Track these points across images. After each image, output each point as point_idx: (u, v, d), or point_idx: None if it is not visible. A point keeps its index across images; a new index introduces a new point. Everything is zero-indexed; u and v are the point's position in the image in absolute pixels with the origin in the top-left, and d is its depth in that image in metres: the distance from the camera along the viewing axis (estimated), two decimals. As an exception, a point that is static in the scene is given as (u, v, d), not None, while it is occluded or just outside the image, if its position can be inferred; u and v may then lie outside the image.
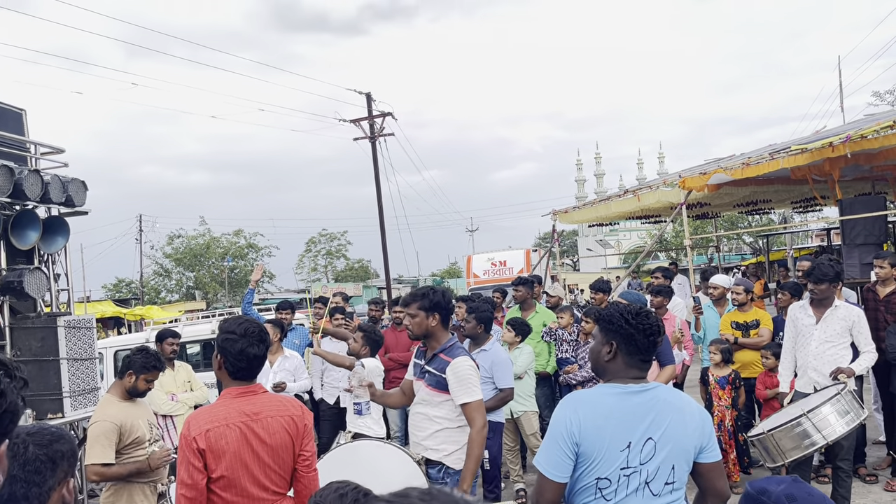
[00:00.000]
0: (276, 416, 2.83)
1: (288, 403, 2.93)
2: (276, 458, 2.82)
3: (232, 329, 2.88)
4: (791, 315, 5.50)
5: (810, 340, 5.26)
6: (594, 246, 48.27)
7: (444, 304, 3.76)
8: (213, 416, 2.77)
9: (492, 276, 21.70)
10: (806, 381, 5.26)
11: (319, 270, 52.92)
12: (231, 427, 2.75)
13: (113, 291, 44.42)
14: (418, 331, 3.77)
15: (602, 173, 79.09)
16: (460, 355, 3.70)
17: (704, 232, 29.80)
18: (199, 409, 3.06)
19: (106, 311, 23.93)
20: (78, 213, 6.59)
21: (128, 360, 4.33)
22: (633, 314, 2.49)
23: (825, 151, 9.46)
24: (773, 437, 4.62)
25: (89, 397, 5.97)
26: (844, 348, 5.21)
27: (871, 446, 6.58)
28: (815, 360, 5.21)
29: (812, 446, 4.54)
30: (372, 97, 23.77)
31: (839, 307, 5.24)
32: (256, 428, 2.78)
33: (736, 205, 17.41)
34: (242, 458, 2.75)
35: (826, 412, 4.54)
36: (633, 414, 2.38)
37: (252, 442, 2.76)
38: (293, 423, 2.86)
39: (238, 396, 2.83)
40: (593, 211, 16.59)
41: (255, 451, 2.77)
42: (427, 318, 3.73)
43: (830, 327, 5.20)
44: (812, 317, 5.30)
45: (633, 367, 2.48)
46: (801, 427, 4.55)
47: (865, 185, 14.43)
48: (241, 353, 2.83)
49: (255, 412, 2.80)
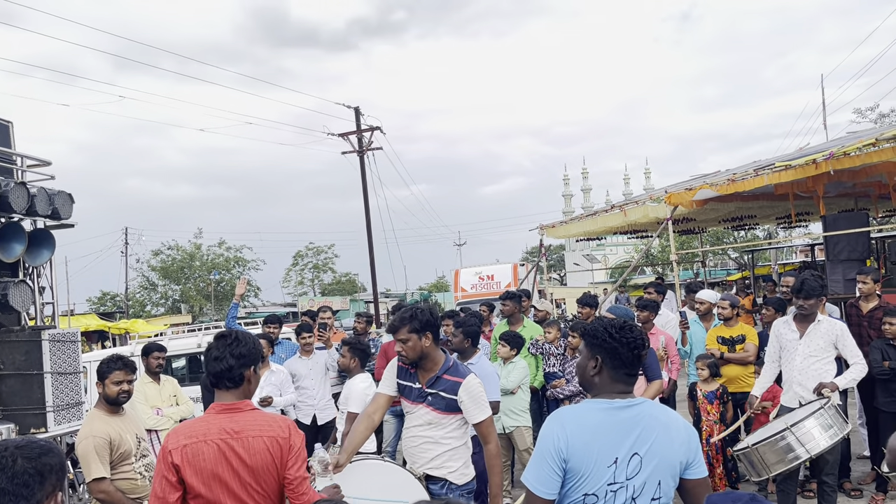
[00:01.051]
0: (258, 435, 2.73)
1: (274, 423, 2.81)
2: (258, 479, 2.71)
3: (213, 343, 2.89)
4: (775, 330, 5.54)
5: (795, 355, 5.30)
6: (581, 260, 48.41)
7: (434, 322, 3.66)
8: (193, 432, 2.72)
9: (479, 290, 21.70)
10: (791, 396, 5.30)
11: (306, 284, 52.77)
12: (209, 443, 2.67)
13: (97, 305, 44.07)
14: (414, 355, 3.64)
15: (589, 188, 79.47)
16: (468, 373, 3.69)
17: (690, 247, 29.98)
18: (182, 423, 3.04)
19: (90, 325, 23.71)
20: (64, 225, 6.54)
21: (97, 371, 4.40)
22: (617, 328, 2.50)
23: (808, 168, 9.57)
24: (757, 451, 4.65)
25: (73, 412, 5.90)
26: (829, 363, 5.25)
27: (856, 461, 6.62)
28: (799, 375, 5.25)
29: (796, 460, 4.57)
30: (360, 111, 23.84)
31: (822, 322, 5.29)
32: (236, 446, 2.69)
33: (721, 220, 17.56)
34: (220, 476, 2.67)
35: (809, 426, 4.58)
36: (620, 429, 2.38)
37: (231, 460, 2.68)
38: (276, 444, 2.74)
39: (221, 412, 2.76)
40: (580, 226, 16.66)
41: (235, 470, 2.68)
42: (420, 339, 3.62)
43: (814, 342, 5.24)
44: (796, 332, 5.34)
45: (618, 381, 2.49)
46: (784, 441, 4.59)
47: (848, 202, 14.62)
48: (216, 360, 2.81)
49: (236, 430, 2.71)
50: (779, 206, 15.27)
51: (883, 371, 5.77)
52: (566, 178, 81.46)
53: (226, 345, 2.81)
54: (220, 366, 2.77)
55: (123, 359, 4.43)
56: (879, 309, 6.25)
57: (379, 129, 23.88)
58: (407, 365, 3.74)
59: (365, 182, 23.74)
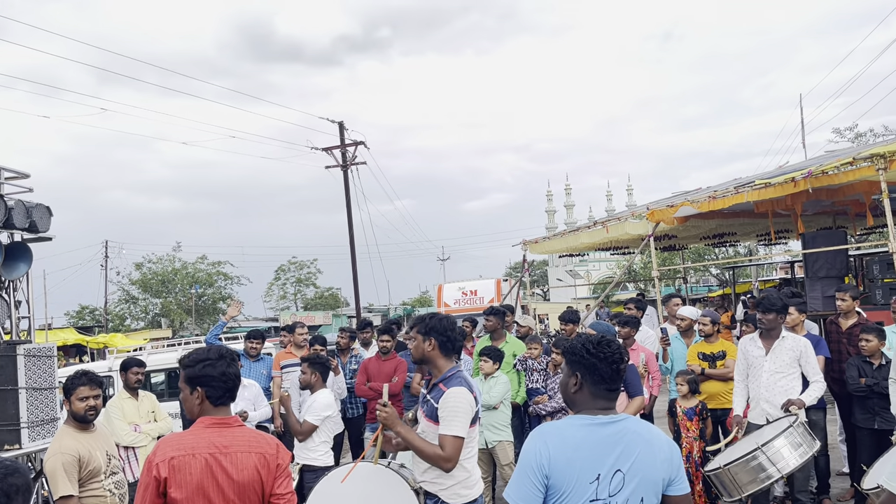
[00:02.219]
0: (246, 451, 2.72)
1: (262, 440, 2.82)
2: (243, 495, 2.71)
3: (204, 356, 2.83)
4: (741, 347, 5.64)
5: (761, 372, 5.38)
6: (564, 276, 48.56)
7: (441, 330, 3.69)
8: (180, 445, 2.70)
9: (462, 305, 21.68)
10: (759, 413, 5.36)
11: (289, 298, 52.50)
12: (197, 457, 2.66)
13: (76, 319, 43.51)
14: (415, 354, 3.78)
15: (572, 204, 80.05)
16: (456, 385, 3.57)
17: (672, 263, 30.18)
18: (170, 435, 2.98)
19: (68, 339, 23.39)
20: (41, 238, 6.47)
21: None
22: (595, 343, 2.51)
23: (787, 186, 9.69)
24: (729, 472, 4.67)
25: (48, 428, 5.80)
26: (795, 379, 5.32)
27: (836, 477, 6.66)
28: (766, 392, 5.32)
29: (768, 479, 4.60)
30: (344, 126, 23.86)
31: (786, 338, 5.38)
32: (224, 462, 2.68)
33: (703, 237, 17.71)
34: (205, 490, 2.65)
35: (779, 445, 4.62)
36: (603, 445, 2.38)
37: (217, 476, 2.67)
38: (265, 461, 2.74)
39: (210, 427, 2.74)
40: (563, 241, 16.73)
41: (220, 486, 2.67)
42: (424, 341, 3.69)
43: (779, 358, 5.33)
44: (762, 348, 5.42)
45: (600, 397, 2.49)
46: (756, 461, 4.61)
47: (827, 220, 14.79)
48: (224, 375, 2.79)
49: (224, 445, 2.71)
50: (759, 224, 15.42)
51: (860, 388, 5.83)
52: (549, 195, 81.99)
53: (228, 361, 2.84)
54: (230, 382, 2.82)
55: (88, 374, 4.37)
56: (858, 326, 6.32)
57: (363, 143, 23.92)
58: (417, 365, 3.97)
59: (349, 196, 23.72)
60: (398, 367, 7.44)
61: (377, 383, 7.28)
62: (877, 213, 10.92)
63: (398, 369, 7.42)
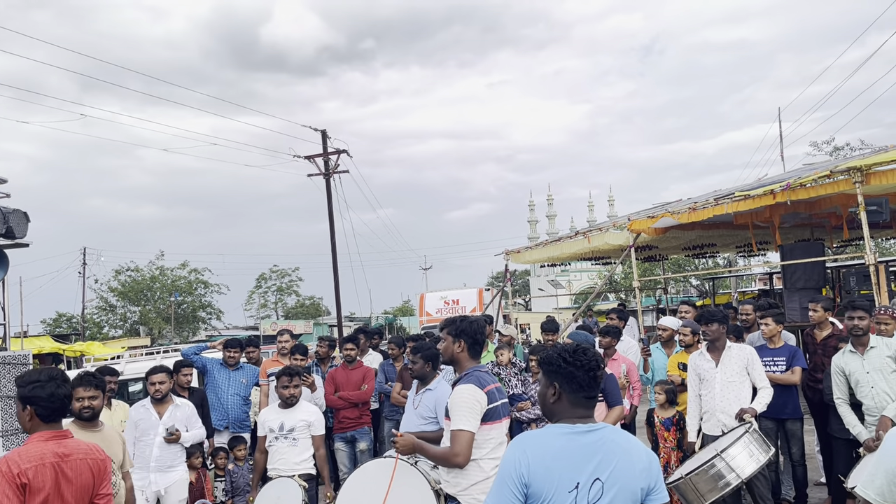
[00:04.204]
0: (84, 458, 3.17)
1: (94, 448, 3.27)
2: (79, 497, 3.13)
3: (35, 378, 3.18)
4: (692, 363, 5.80)
5: (714, 384, 5.55)
6: (546, 286, 48.70)
7: (471, 332, 3.87)
8: (30, 456, 3.03)
9: (445, 314, 21.71)
10: (714, 424, 5.49)
11: (269, 307, 52.11)
12: (48, 466, 3.04)
13: (52, 326, 42.92)
14: (445, 354, 3.93)
15: (554, 215, 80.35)
16: (465, 383, 3.69)
17: (653, 274, 30.38)
18: (13, 450, 3.18)
19: (44, 347, 23.07)
20: (18, 245, 6.39)
21: None
22: (571, 352, 2.52)
23: (766, 198, 9.81)
24: (690, 482, 4.75)
25: (23, 437, 5.72)
26: (746, 387, 5.52)
27: (813, 487, 6.71)
28: (721, 402, 5.48)
29: (727, 486, 4.69)
30: (327, 134, 23.80)
31: (732, 348, 5.61)
32: (66, 468, 3.09)
33: (683, 248, 17.86)
34: (60, 493, 3.04)
35: (735, 452, 4.75)
36: (582, 454, 2.39)
37: (61, 481, 3.06)
38: (98, 465, 3.21)
39: (50, 440, 3.11)
40: (545, 251, 16.81)
41: (63, 491, 3.06)
42: (454, 343, 3.87)
43: (729, 368, 5.52)
44: (711, 361, 5.62)
45: (578, 405, 2.50)
46: (715, 468, 4.72)
47: (805, 232, 14.98)
48: (52, 396, 3.13)
49: (66, 453, 3.12)
50: (738, 235, 15.59)
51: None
52: (532, 205, 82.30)
53: (59, 383, 3.19)
54: (58, 403, 3.19)
55: (85, 375, 4.42)
56: (833, 337, 6.39)
57: (346, 152, 23.85)
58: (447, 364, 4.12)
59: (331, 205, 23.65)
60: (366, 376, 7.44)
61: (346, 392, 7.26)
62: (853, 225, 11.09)
63: (366, 378, 7.42)
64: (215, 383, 7.62)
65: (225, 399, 7.55)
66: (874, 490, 2.32)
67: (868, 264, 9.21)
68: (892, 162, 8.69)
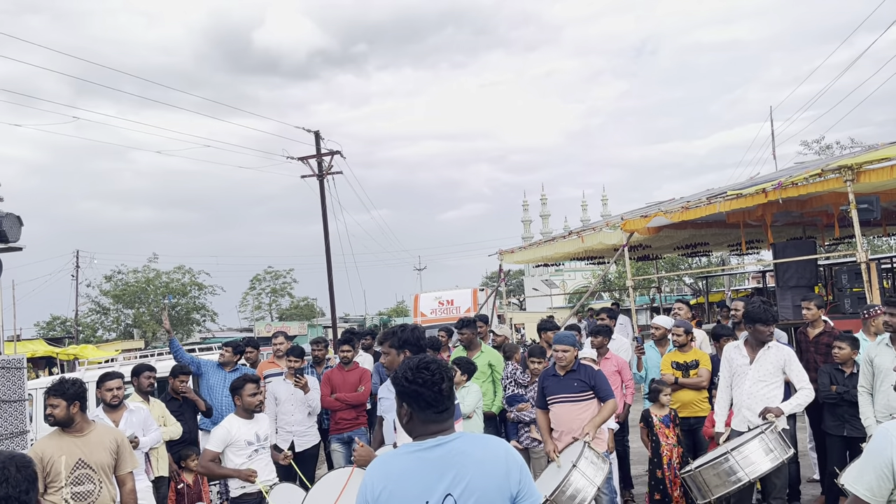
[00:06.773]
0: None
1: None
2: None
3: None
4: (726, 355, 5.65)
5: (745, 380, 5.41)
6: (540, 286, 48.70)
7: (414, 341, 3.89)
8: None
9: (439, 314, 21.71)
10: (740, 420, 5.41)
11: (264, 308, 52.03)
12: None
13: (46, 329, 42.76)
14: (391, 369, 3.93)
15: (548, 214, 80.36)
16: None
17: (646, 273, 30.49)
18: None
19: (37, 351, 22.99)
20: (12, 248, 6.38)
21: None
22: (412, 370, 2.44)
23: (758, 197, 9.87)
24: (700, 475, 4.77)
25: (17, 441, 5.70)
26: (777, 388, 5.36)
27: (806, 484, 6.75)
28: (748, 399, 5.36)
29: (737, 483, 4.70)
30: (320, 135, 23.80)
31: (771, 347, 5.41)
32: None
33: (676, 247, 17.93)
34: None
35: (750, 450, 4.74)
36: (430, 471, 2.31)
37: None
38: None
39: None
40: (539, 251, 16.85)
41: None
42: (398, 355, 3.89)
43: (763, 367, 5.36)
44: (746, 357, 5.45)
45: (429, 422, 2.42)
46: (726, 464, 4.73)
47: (797, 230, 15.06)
48: None
49: None
50: (731, 234, 15.65)
51: (830, 395, 5.92)
52: (525, 205, 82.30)
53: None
54: None
55: (53, 386, 4.51)
56: (825, 334, 6.43)
57: (339, 153, 23.84)
58: None
59: (324, 206, 23.63)
60: (363, 377, 7.43)
61: (343, 394, 7.26)
62: (844, 223, 11.15)
63: (363, 379, 7.42)
64: (209, 385, 7.60)
65: (219, 401, 7.53)
66: (863, 486, 2.34)
67: (860, 262, 9.27)
68: (882, 160, 8.75)
